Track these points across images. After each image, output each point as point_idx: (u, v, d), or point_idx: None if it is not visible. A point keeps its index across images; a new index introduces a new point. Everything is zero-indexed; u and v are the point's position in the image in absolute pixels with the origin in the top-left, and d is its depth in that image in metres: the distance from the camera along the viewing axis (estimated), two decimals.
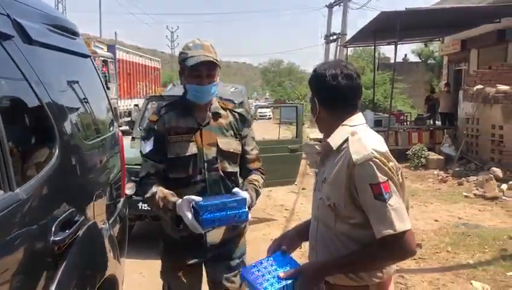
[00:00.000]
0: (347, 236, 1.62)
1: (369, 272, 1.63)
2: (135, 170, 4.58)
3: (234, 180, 2.31)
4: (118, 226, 2.56)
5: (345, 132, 1.66)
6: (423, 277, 4.61)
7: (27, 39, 1.80)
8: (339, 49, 23.82)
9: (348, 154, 1.58)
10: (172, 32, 63.99)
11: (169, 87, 7.94)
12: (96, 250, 2.12)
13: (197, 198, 2.01)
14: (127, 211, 2.94)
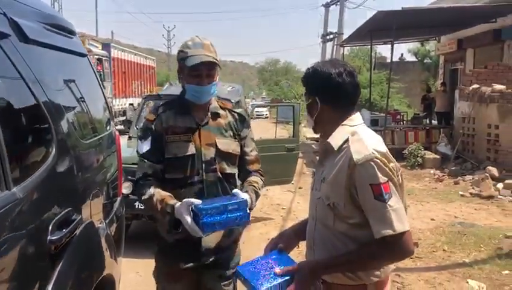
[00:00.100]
0: (346, 235, 1.62)
1: (367, 271, 1.63)
2: (132, 169, 4.56)
3: (232, 182, 2.24)
4: (114, 226, 2.56)
5: (345, 131, 1.65)
6: (419, 275, 4.63)
7: (23, 38, 1.80)
8: (336, 49, 23.81)
9: (349, 154, 1.57)
10: (168, 31, 63.83)
11: (166, 86, 7.93)
12: (93, 249, 2.12)
13: (196, 201, 1.93)
14: (124, 210, 2.94)
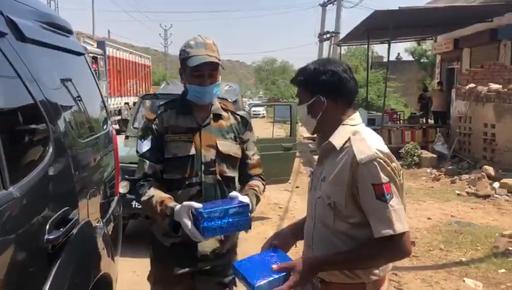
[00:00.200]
0: (346, 235, 1.62)
1: (366, 270, 1.64)
2: (129, 168, 4.59)
3: (232, 186, 2.19)
4: (111, 225, 2.55)
5: (346, 131, 1.65)
6: (416, 274, 4.65)
7: (20, 36, 1.79)
8: (333, 48, 23.85)
9: (351, 154, 1.57)
10: (165, 30, 63.86)
11: (163, 86, 7.91)
12: (90, 249, 2.11)
13: (196, 204, 1.87)
14: (121, 209, 2.93)
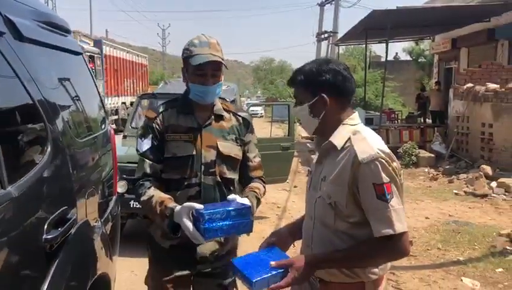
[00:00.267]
0: (346, 234, 1.62)
1: (366, 269, 1.64)
2: (127, 168, 4.59)
3: (231, 188, 2.16)
4: (110, 224, 2.55)
5: (346, 130, 1.66)
6: (414, 273, 4.66)
7: (18, 36, 1.78)
8: (331, 48, 23.86)
9: (353, 153, 1.57)
10: (163, 29, 63.71)
11: (161, 85, 7.91)
12: (88, 248, 2.11)
13: (198, 205, 1.84)
14: (119, 209, 2.93)
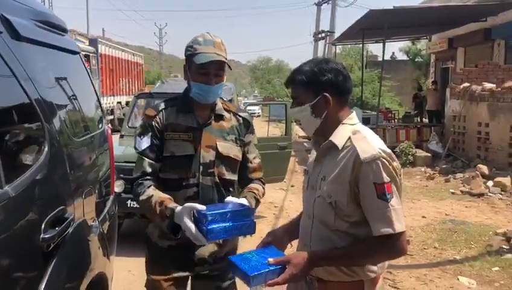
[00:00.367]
0: (346, 233, 1.63)
1: (365, 267, 1.64)
2: (124, 167, 4.58)
3: (230, 190, 2.13)
4: (107, 224, 2.55)
5: (346, 130, 1.66)
6: (411, 272, 4.67)
7: (15, 35, 1.78)
8: (328, 47, 23.88)
9: (354, 153, 1.57)
10: (160, 29, 63.60)
11: (158, 84, 7.91)
12: (86, 248, 2.11)
13: (200, 206, 1.80)
14: (116, 208, 2.93)
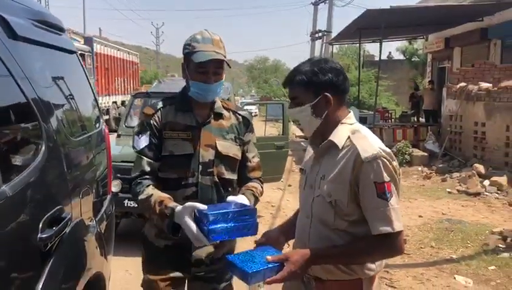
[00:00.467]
0: (345, 232, 1.63)
1: (363, 266, 1.65)
2: (121, 167, 4.58)
3: (230, 189, 2.11)
4: (104, 224, 2.55)
5: (345, 130, 1.67)
6: (407, 271, 4.68)
7: (12, 34, 1.77)
8: (325, 47, 23.89)
9: (355, 152, 1.58)
10: (157, 28, 63.41)
11: (155, 84, 7.90)
12: (83, 247, 2.10)
13: (201, 206, 1.77)
14: (113, 208, 2.93)
